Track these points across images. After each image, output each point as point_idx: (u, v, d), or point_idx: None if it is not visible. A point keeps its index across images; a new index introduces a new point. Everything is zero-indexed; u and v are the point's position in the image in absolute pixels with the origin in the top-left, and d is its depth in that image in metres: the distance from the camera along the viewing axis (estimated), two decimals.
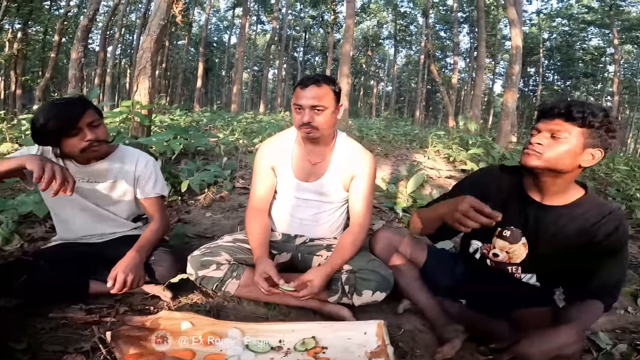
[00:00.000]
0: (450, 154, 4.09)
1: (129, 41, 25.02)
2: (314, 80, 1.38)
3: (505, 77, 8.17)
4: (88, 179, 1.47)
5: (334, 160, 1.51)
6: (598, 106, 1.09)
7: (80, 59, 6.68)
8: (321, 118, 1.38)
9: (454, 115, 10.43)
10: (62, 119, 1.27)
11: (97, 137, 1.34)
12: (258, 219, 1.52)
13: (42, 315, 1.30)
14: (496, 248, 1.33)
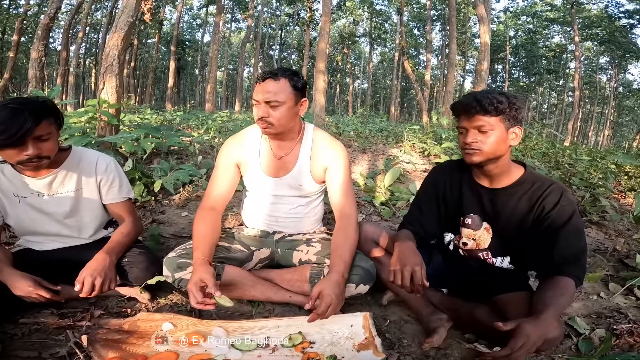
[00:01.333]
0: (425, 148, 4.19)
1: (94, 40, 24.00)
2: (272, 75, 1.34)
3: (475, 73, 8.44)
4: (48, 193, 1.36)
5: (302, 153, 1.48)
6: (498, 92, 1.22)
7: (41, 58, 6.35)
8: (277, 113, 1.34)
9: (427, 110, 10.68)
10: (5, 132, 1.10)
11: (38, 153, 1.18)
12: (209, 220, 1.40)
13: (12, 321, 1.25)
14: (463, 237, 1.41)
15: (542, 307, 1.09)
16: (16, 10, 16.76)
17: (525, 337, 1.00)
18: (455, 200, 1.40)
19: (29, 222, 1.38)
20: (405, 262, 1.19)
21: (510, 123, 1.22)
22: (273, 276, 1.50)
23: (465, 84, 31.37)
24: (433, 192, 1.44)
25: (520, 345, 0.99)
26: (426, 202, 1.45)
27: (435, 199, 1.44)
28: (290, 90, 1.36)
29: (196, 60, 30.63)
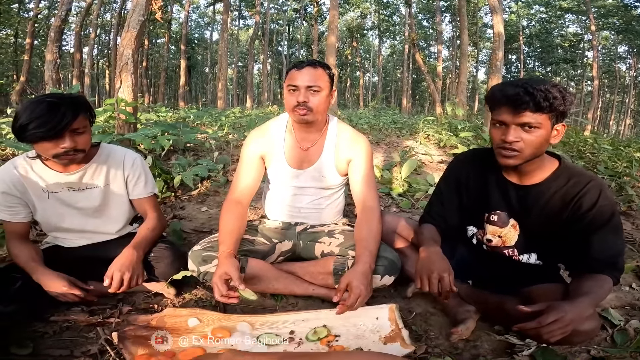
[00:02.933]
0: (440, 139, 4.12)
1: (105, 41, 24.36)
2: (310, 62, 1.39)
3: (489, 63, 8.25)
4: (79, 187, 1.38)
5: (327, 145, 1.49)
6: (552, 85, 1.06)
7: (56, 60, 6.46)
8: (317, 99, 1.36)
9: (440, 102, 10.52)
10: (46, 124, 1.14)
11: (75, 146, 1.22)
12: (235, 213, 1.41)
13: (43, 320, 1.27)
14: (488, 234, 1.34)
15: (579, 294, 1.04)
16: (26, 13, 17.09)
17: (561, 312, 0.95)
18: (480, 194, 1.32)
19: (57, 217, 1.40)
20: (432, 269, 1.14)
21: (557, 120, 1.09)
22: (295, 269, 1.50)
23: (478, 75, 30.86)
24: (455, 184, 1.37)
25: (553, 320, 0.93)
26: (447, 194, 1.39)
27: (456, 191, 1.37)
28: (327, 78, 1.40)
29: (206, 58, 30.81)
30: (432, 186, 2.76)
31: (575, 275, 1.19)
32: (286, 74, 1.44)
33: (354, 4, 24.78)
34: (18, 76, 14.28)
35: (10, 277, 1.27)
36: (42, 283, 1.25)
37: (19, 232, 1.36)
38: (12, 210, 1.32)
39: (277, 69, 30.25)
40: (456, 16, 20.72)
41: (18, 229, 1.35)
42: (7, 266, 1.39)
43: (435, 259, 1.18)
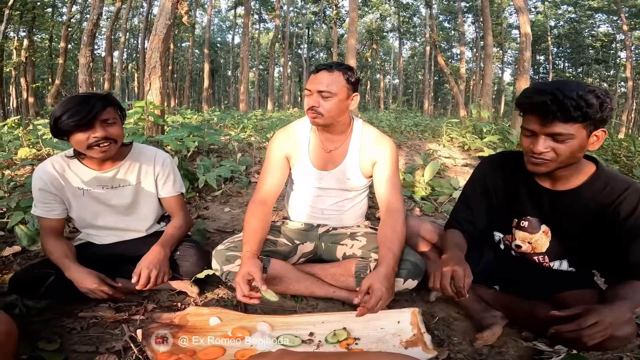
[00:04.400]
0: (465, 142, 4.03)
1: (133, 45, 25.27)
2: (327, 67, 1.38)
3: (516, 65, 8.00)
4: (112, 185, 1.43)
5: (352, 147, 1.48)
6: (589, 91, 0.96)
7: (89, 63, 6.75)
8: (327, 104, 1.35)
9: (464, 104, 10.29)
10: (78, 113, 1.21)
11: (106, 135, 1.27)
12: (260, 214, 1.41)
13: (72, 315, 1.30)
14: (517, 239, 1.28)
15: (617, 298, 1.00)
16: (60, 17, 17.93)
17: (600, 315, 0.90)
18: (510, 199, 1.26)
19: (90, 214, 1.45)
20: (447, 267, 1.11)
21: (594, 127, 1.00)
22: (317, 271, 1.49)
23: (504, 76, 30.04)
24: (482, 188, 1.31)
25: (592, 323, 0.89)
26: (475, 199, 1.33)
27: (484, 195, 1.31)
28: (344, 83, 1.37)
29: (228, 61, 31.46)
30: (456, 190, 2.70)
31: (612, 282, 1.14)
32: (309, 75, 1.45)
33: (373, 6, 24.68)
34: (53, 79, 15.04)
35: (44, 272, 1.32)
36: (74, 279, 1.29)
37: (54, 228, 1.41)
38: (48, 207, 1.38)
39: (297, 71, 30.49)
40: (479, 17, 20.31)
41: (53, 225, 1.41)
42: (41, 262, 1.45)
43: (453, 261, 1.14)
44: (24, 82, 15.54)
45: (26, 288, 1.31)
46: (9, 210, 1.93)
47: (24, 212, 1.83)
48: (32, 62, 16.29)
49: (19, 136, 3.51)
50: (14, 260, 1.78)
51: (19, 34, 17.13)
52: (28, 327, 0.92)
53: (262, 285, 1.17)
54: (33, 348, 1.10)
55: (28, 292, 1.32)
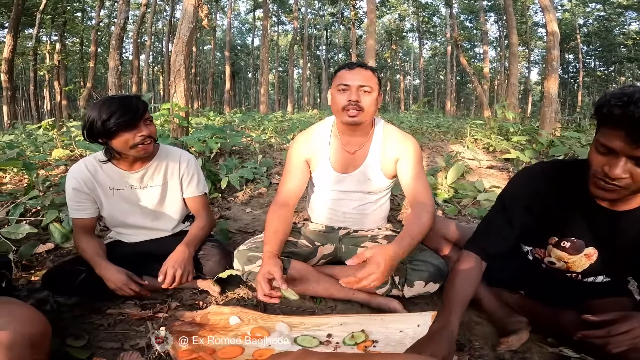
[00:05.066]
0: (490, 143, 3.91)
1: (158, 48, 26.06)
2: (360, 64, 1.38)
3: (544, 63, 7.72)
4: (140, 186, 1.48)
5: (373, 147, 1.46)
6: None
7: (118, 66, 7.00)
8: (368, 99, 1.34)
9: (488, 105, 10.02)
10: (127, 113, 1.26)
11: (150, 133, 1.34)
12: (281, 215, 1.41)
13: (100, 312, 1.34)
14: (552, 257, 1.17)
15: None
16: (89, 21, 18.67)
17: (635, 323, 0.85)
18: (555, 217, 1.10)
19: (120, 213, 1.50)
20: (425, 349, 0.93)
21: None
22: (336, 272, 1.49)
23: (531, 75, 29.09)
24: (526, 202, 1.10)
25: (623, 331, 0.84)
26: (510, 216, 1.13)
27: (525, 210, 1.11)
28: (376, 81, 1.38)
29: (248, 64, 31.92)
30: (480, 192, 2.63)
31: None
32: (334, 75, 1.42)
33: (391, 7, 24.44)
34: (84, 82, 15.69)
35: (76, 269, 1.37)
36: (104, 277, 1.34)
37: (87, 227, 1.47)
38: (80, 206, 1.43)
39: (317, 73, 30.59)
40: (502, 15, 19.75)
41: (86, 224, 1.46)
42: (73, 259, 1.50)
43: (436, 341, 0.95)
44: (57, 85, 16.30)
45: (58, 284, 1.37)
46: (43, 208, 2.02)
47: (58, 210, 1.90)
48: (64, 65, 17.06)
49: (53, 137, 3.69)
50: (47, 257, 1.86)
51: (51, 37, 18.00)
52: (58, 323, 0.95)
53: (283, 285, 1.17)
54: (61, 344, 1.13)
55: (60, 288, 1.37)
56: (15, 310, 0.89)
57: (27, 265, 1.74)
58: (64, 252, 1.89)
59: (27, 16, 13.32)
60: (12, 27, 9.84)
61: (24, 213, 2.06)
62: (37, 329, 0.88)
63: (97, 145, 1.41)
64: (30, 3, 13.46)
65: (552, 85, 5.61)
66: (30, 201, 2.01)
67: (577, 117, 7.55)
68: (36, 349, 0.87)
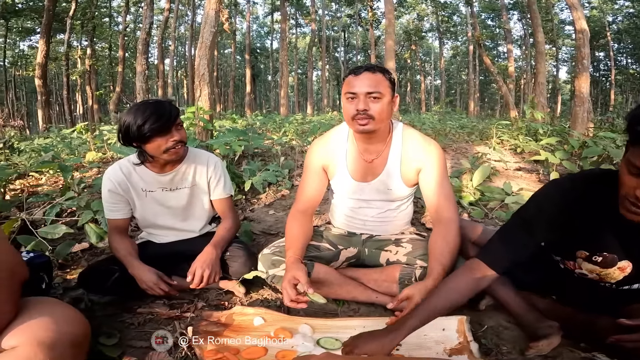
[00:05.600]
0: (517, 145, 3.78)
1: (181, 53, 26.76)
2: (367, 67, 1.29)
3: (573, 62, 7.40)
4: (170, 188, 1.52)
5: (392, 155, 1.39)
6: None
7: (145, 71, 7.23)
8: (378, 106, 1.25)
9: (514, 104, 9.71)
10: (160, 119, 1.30)
11: (181, 138, 1.37)
12: (300, 222, 1.40)
13: (131, 311, 1.38)
14: (583, 269, 1.13)
15: None
16: (116, 27, 19.39)
17: None
18: (586, 233, 1.06)
19: (152, 215, 1.55)
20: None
21: None
22: (359, 275, 1.48)
23: (559, 74, 28.04)
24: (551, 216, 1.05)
25: None
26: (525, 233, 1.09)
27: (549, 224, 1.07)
28: (387, 83, 1.29)
29: (268, 66, 32.27)
30: (508, 195, 2.55)
31: None
32: (343, 80, 1.35)
33: (409, 7, 24.11)
34: (114, 86, 16.33)
35: (110, 268, 1.42)
36: (136, 276, 1.39)
37: (120, 227, 1.52)
38: (115, 207, 1.49)
39: (335, 75, 30.59)
40: (525, 13, 19.14)
41: (120, 224, 1.52)
42: (107, 258, 1.56)
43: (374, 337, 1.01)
44: (89, 89, 17.02)
45: (93, 283, 1.42)
46: (79, 209, 2.10)
47: (93, 211, 1.98)
48: (95, 70, 17.81)
49: (86, 141, 3.86)
50: (82, 256, 1.93)
51: (82, 43, 18.82)
52: (91, 321, 0.97)
53: (309, 289, 1.16)
54: (94, 342, 1.15)
55: (94, 287, 1.43)
56: (57, 310, 0.91)
57: (62, 264, 1.83)
58: (97, 252, 1.97)
59: (58, 22, 13.97)
60: (44, 33, 10.25)
61: (60, 213, 2.15)
62: (79, 329, 0.91)
63: (128, 148, 1.46)
64: (60, 9, 14.10)
65: (584, 84, 5.40)
66: (67, 202, 2.11)
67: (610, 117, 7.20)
68: (77, 349, 0.89)
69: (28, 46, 26.02)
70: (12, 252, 0.95)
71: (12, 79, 24.04)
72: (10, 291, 0.87)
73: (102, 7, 17.99)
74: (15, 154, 3.79)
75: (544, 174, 3.24)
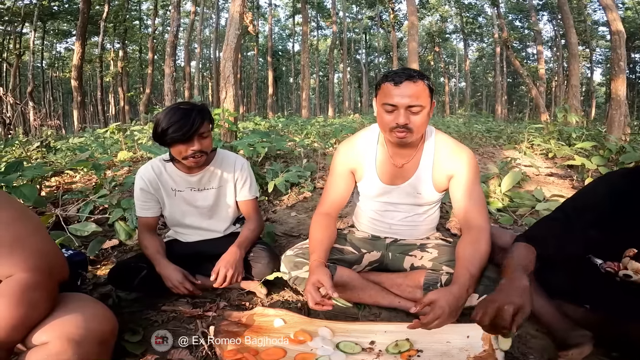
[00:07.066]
0: (549, 149, 3.63)
1: (206, 55, 27.42)
2: (408, 75, 1.21)
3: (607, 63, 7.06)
4: (198, 188, 1.56)
5: (424, 160, 1.37)
6: None
7: (172, 73, 7.44)
8: (417, 119, 1.21)
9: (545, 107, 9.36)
10: (181, 129, 1.31)
11: (201, 148, 1.38)
12: (324, 225, 1.39)
13: (155, 308, 1.41)
14: (628, 270, 1.11)
15: None
16: (146, 29, 20.05)
17: None
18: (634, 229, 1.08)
19: (180, 214, 1.59)
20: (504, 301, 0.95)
21: None
22: (382, 280, 1.45)
23: (594, 76, 26.80)
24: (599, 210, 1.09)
25: None
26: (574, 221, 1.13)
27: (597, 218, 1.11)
28: (428, 93, 1.24)
29: (290, 69, 32.54)
30: (539, 202, 2.45)
31: None
32: (377, 85, 1.30)
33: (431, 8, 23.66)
34: (144, 88, 16.94)
35: (138, 265, 1.46)
36: (163, 274, 1.42)
37: (150, 225, 1.57)
38: (146, 205, 1.54)
39: (357, 77, 30.49)
40: (556, 14, 18.45)
41: (150, 222, 1.57)
42: (136, 256, 1.61)
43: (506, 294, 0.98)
44: (121, 90, 17.71)
45: (122, 280, 1.47)
46: (110, 206, 2.18)
47: (124, 209, 2.04)
48: (126, 72, 18.52)
49: (118, 140, 4.02)
50: (111, 253, 2.00)
51: (114, 45, 19.60)
52: (118, 318, 1.00)
53: (334, 293, 1.15)
54: (119, 338, 1.16)
55: (123, 283, 1.47)
56: (89, 308, 0.94)
57: (92, 260, 1.88)
58: (126, 249, 2.03)
59: (92, 24, 14.62)
60: (79, 35, 10.71)
61: (92, 210, 2.24)
62: (107, 327, 0.93)
63: (157, 148, 1.50)
64: (94, 12, 14.75)
65: (620, 87, 5.17)
66: (99, 199, 2.19)
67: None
68: (104, 346, 0.91)
69: (64, 48, 27.47)
70: (56, 253, 0.98)
71: (49, 80, 25.31)
72: (48, 291, 0.90)
73: (132, 10, 18.69)
74: (52, 153, 3.99)
75: (578, 180, 3.09)
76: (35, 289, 0.86)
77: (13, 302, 0.82)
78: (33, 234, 0.93)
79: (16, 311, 0.82)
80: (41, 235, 0.95)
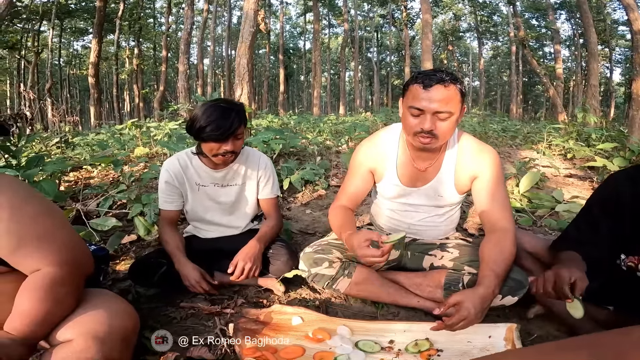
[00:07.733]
0: (569, 149, 3.55)
1: (219, 53, 27.58)
2: (440, 79, 1.13)
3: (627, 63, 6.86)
4: (222, 184, 1.56)
5: (446, 162, 1.33)
6: None
7: (186, 70, 7.50)
8: (444, 125, 1.16)
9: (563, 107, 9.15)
10: (219, 128, 1.31)
11: (233, 149, 1.38)
12: (343, 212, 1.37)
13: (174, 305, 1.42)
14: None
15: None
16: (160, 27, 20.29)
17: None
18: None
19: (202, 209, 1.59)
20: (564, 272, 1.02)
21: None
22: (401, 279, 1.44)
23: (613, 76, 26.13)
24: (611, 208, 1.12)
25: None
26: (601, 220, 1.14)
27: (615, 216, 1.13)
28: (459, 98, 1.18)
29: (301, 67, 32.53)
30: (558, 203, 2.40)
31: None
32: (406, 86, 1.23)
33: (445, 6, 23.31)
34: (157, 85, 17.17)
35: (158, 261, 1.47)
36: (181, 272, 1.43)
37: (172, 219, 1.58)
38: (170, 198, 1.55)
39: (368, 75, 30.30)
40: (574, 13, 18.01)
41: (172, 216, 1.58)
42: (155, 251, 1.61)
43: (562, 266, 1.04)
44: (136, 87, 17.96)
45: (142, 275, 1.47)
46: (129, 202, 2.20)
47: (143, 205, 2.06)
48: (141, 69, 18.78)
49: (135, 136, 4.08)
50: (130, 247, 2.01)
51: (129, 43, 19.89)
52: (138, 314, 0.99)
53: (383, 237, 1.10)
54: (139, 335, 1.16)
55: (143, 279, 1.48)
56: (112, 304, 0.93)
57: (112, 255, 1.90)
58: (144, 244, 2.05)
59: (108, 22, 14.87)
60: (96, 33, 10.92)
61: (111, 205, 2.28)
62: (130, 323, 0.92)
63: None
64: (110, 10, 14.98)
65: None
66: (119, 194, 2.22)
67: None
68: (126, 343, 0.89)
69: (81, 46, 27.98)
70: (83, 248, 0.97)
71: (66, 77, 25.84)
72: (74, 286, 0.90)
73: (146, 7, 18.93)
74: (70, 148, 4.07)
75: (598, 182, 3.02)
76: (63, 284, 0.85)
77: (39, 297, 0.81)
78: (60, 227, 0.92)
79: (41, 306, 0.81)
80: (67, 229, 0.94)
